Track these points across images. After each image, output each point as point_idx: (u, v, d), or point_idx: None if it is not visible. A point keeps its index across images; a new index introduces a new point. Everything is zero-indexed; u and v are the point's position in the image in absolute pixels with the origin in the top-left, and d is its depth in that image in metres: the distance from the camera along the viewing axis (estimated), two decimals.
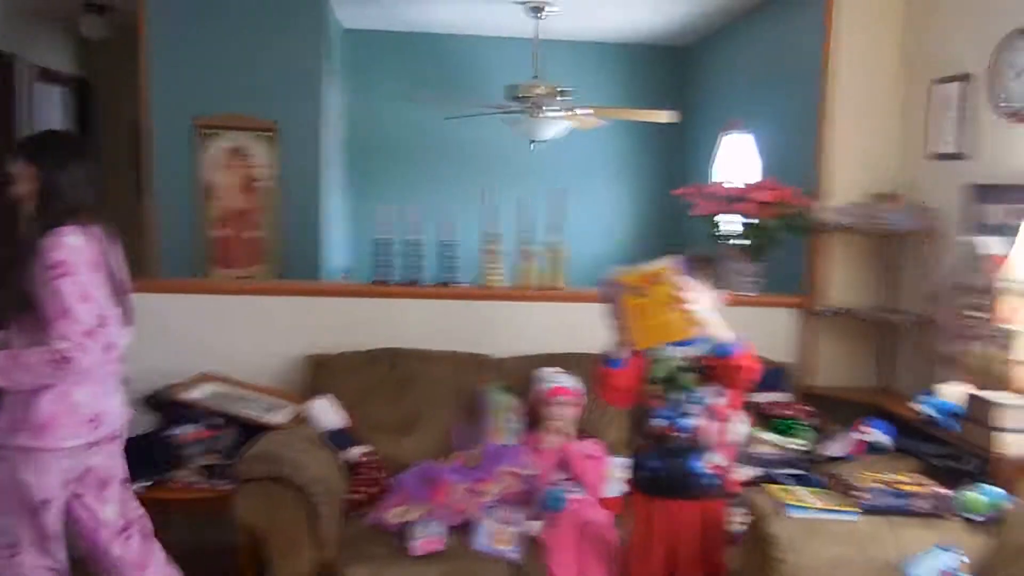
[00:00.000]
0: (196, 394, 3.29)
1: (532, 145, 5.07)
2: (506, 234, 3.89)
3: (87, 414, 2.51)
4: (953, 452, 3.00)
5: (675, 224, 6.29)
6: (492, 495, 3.01)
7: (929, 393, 3.25)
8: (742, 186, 3.93)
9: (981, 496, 2.61)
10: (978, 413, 2.89)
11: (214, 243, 4.89)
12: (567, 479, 3.16)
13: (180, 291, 3.78)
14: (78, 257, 2.43)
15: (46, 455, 2.48)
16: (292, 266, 4.96)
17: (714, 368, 2.48)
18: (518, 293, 3.83)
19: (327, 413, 3.33)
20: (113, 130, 6.55)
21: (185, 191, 4.84)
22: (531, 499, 3.05)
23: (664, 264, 2.33)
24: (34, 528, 2.55)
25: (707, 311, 2.35)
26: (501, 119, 5.01)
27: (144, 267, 5.04)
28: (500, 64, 5.96)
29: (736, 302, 2.90)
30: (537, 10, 4.79)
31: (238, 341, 3.68)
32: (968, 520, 2.58)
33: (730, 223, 3.94)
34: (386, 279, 3.83)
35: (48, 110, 6.10)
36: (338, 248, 5.70)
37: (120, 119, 6.54)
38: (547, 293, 3.84)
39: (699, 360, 2.52)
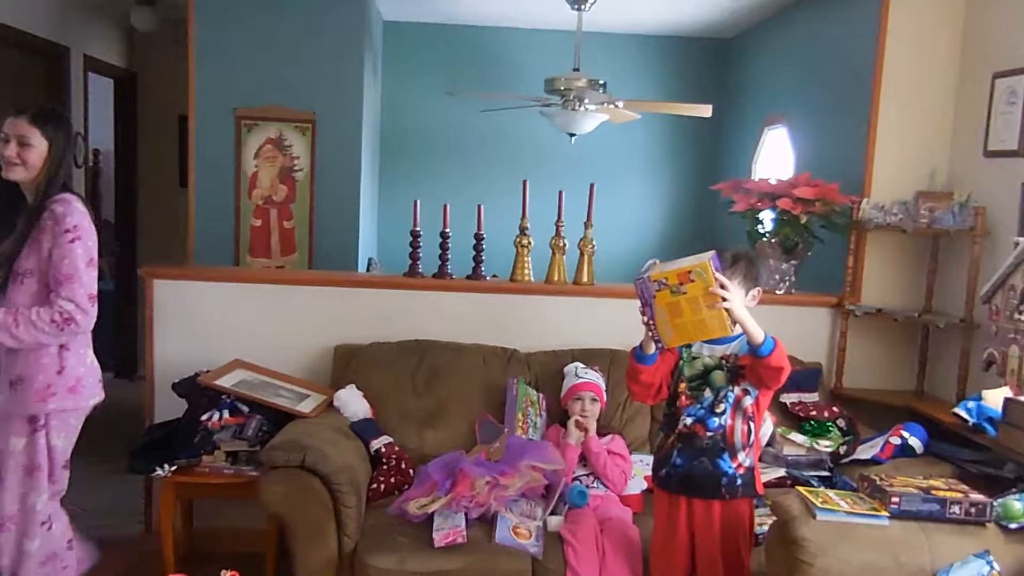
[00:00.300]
0: (227, 381, 3.31)
1: (571, 139, 5.03)
2: (540, 228, 3.86)
3: (98, 374, 2.74)
4: (991, 458, 2.91)
5: (712, 220, 6.21)
6: (515, 489, 2.98)
7: (967, 397, 3.16)
8: (782, 182, 3.86)
9: (1020, 504, 2.52)
10: (1018, 418, 2.79)
11: (251, 232, 4.94)
12: (590, 475, 3.13)
13: (214, 279, 3.81)
14: (88, 223, 2.60)
15: (77, 414, 2.67)
16: (326, 256, 4.99)
17: (745, 367, 2.43)
18: (548, 288, 3.80)
19: (354, 403, 3.34)
20: (158, 121, 6.67)
21: (225, 181, 4.90)
22: (554, 494, 3.02)
23: (699, 260, 2.27)
24: (54, 494, 2.66)
25: (741, 309, 2.29)
26: (540, 112, 4.98)
27: (184, 255, 5.14)
28: (538, 56, 5.93)
29: (771, 300, 2.84)
30: (579, 2, 4.74)
31: (270, 329, 3.71)
32: (1006, 528, 2.49)
33: (768, 219, 3.87)
34: (417, 271, 3.83)
35: (98, 100, 6.22)
36: (368, 238, 5.72)
37: (165, 110, 6.66)
38: (577, 288, 3.81)
39: (730, 358, 2.47)
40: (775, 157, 5.42)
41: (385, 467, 3.16)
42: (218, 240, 4.94)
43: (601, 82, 4.76)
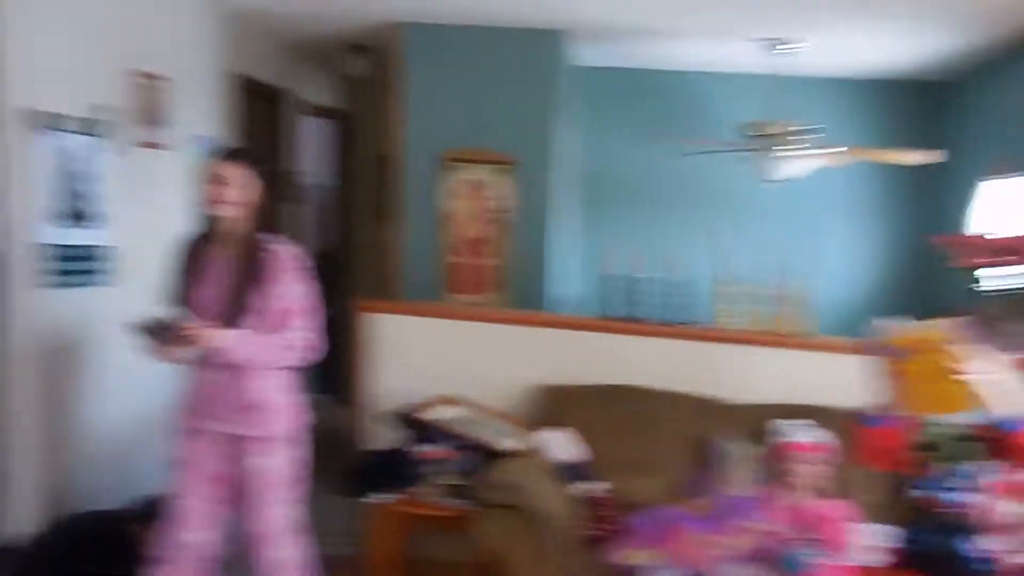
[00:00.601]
0: (438, 415, 3.42)
1: (771, 184, 4.91)
2: (739, 275, 3.79)
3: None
4: None
5: (928, 273, 5.83)
6: (727, 549, 2.90)
7: None
8: (1013, 236, 3.60)
9: None
10: None
11: (450, 268, 5.10)
12: (810, 541, 2.99)
13: (424, 314, 3.96)
14: (305, 263, 2.81)
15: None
16: (519, 295, 5.08)
17: (991, 440, 2.26)
18: (751, 337, 3.71)
19: (562, 445, 3.36)
20: (363, 159, 7.05)
21: (430, 219, 5.09)
22: (767, 558, 2.91)
23: (940, 327, 2.13)
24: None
25: (989, 380, 2.14)
26: (737, 157, 4.91)
27: (386, 289, 5.37)
28: (736, 101, 5.83)
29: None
30: (775, 45, 4.66)
31: (475, 365, 3.81)
32: None
33: (997, 276, 3.61)
34: (622, 315, 3.82)
35: (310, 140, 6.65)
36: (569, 281, 5.78)
37: (368, 150, 7.03)
38: (783, 339, 3.69)
39: (974, 430, 2.31)
40: (1007, 208, 5.05)
41: (594, 512, 3.15)
42: (423, 275, 5.13)
43: (798, 127, 4.64)
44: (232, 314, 2.68)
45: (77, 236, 3.70)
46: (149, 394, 4.19)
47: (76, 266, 3.70)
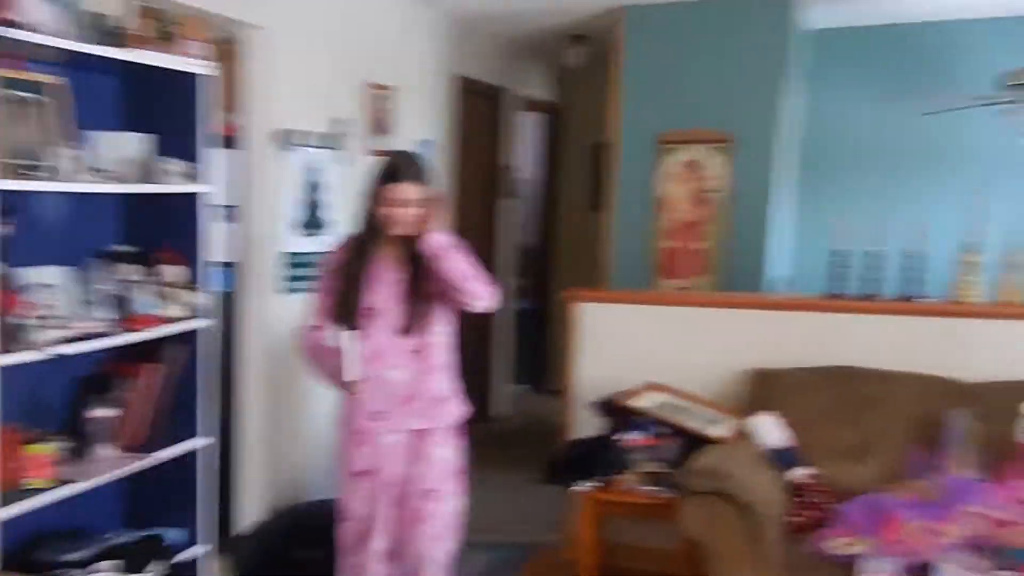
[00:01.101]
0: (643, 402, 3.39)
1: None
2: (991, 244, 3.40)
3: None
4: None
5: None
6: (954, 536, 2.63)
7: None
8: None
9: None
10: None
11: (661, 254, 5.01)
12: None
13: (632, 301, 3.93)
14: None
15: None
16: (734, 278, 4.88)
17: None
18: (999, 310, 3.32)
19: (771, 430, 3.22)
20: (575, 150, 7.12)
21: (642, 204, 5.02)
22: (994, 546, 2.61)
23: None
24: None
25: None
26: (992, 112, 4.39)
27: (596, 279, 5.38)
28: (992, 50, 5.19)
29: None
30: None
31: (683, 351, 3.72)
32: None
33: None
34: (841, 292, 3.58)
35: (525, 135, 6.83)
36: (783, 260, 5.48)
37: (580, 139, 7.09)
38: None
39: None
40: None
41: (803, 500, 2.98)
42: (633, 262, 5.08)
43: None
44: (415, 313, 2.74)
45: (310, 243, 4.05)
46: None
47: (308, 272, 4.05)
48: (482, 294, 2.72)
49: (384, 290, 2.76)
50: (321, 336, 2.85)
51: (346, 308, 2.76)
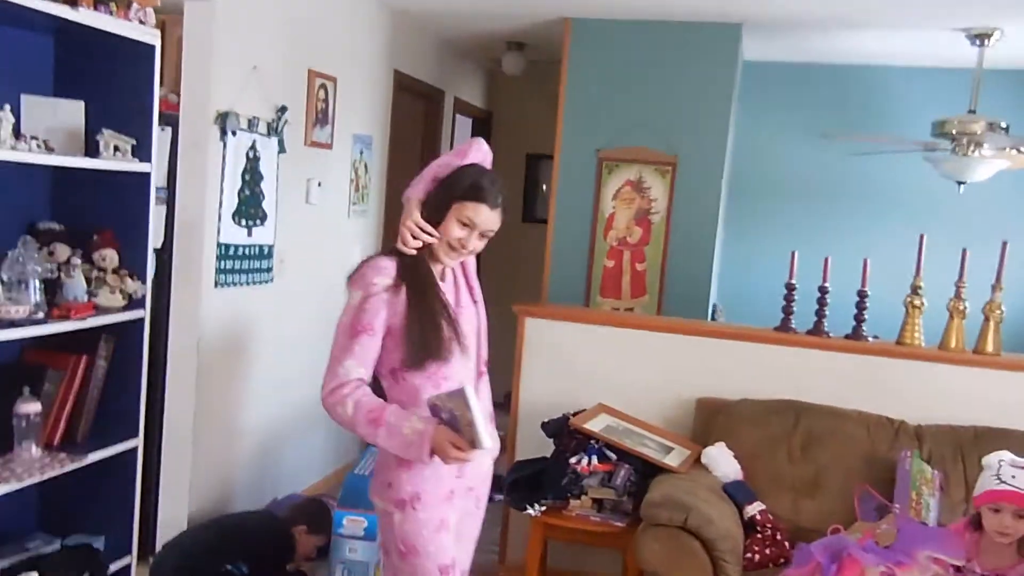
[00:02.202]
0: (594, 425, 3.29)
1: (960, 187, 4.51)
2: (930, 288, 3.48)
3: None
4: None
5: None
6: None
7: None
8: None
9: None
10: None
11: (603, 272, 4.97)
12: None
13: (582, 320, 3.84)
14: None
15: None
16: (675, 301, 4.88)
17: None
18: (944, 355, 3.39)
19: (724, 462, 3.18)
20: (506, 159, 7.01)
21: (581, 220, 4.96)
22: None
23: None
24: None
25: None
26: (924, 158, 4.53)
27: (533, 292, 5.29)
28: (918, 97, 5.41)
29: None
30: (982, 38, 4.24)
31: (632, 375, 3.66)
32: None
33: None
34: (790, 326, 3.59)
35: (460, 137, 6.68)
36: (726, 288, 5.54)
37: (513, 148, 6.99)
38: (980, 358, 3.36)
39: None
40: None
41: (759, 536, 2.95)
42: (570, 277, 5.01)
43: (1004, 125, 4.22)
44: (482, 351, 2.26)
45: (246, 235, 3.80)
46: (298, 392, 4.29)
47: (243, 264, 3.80)
48: None
49: (465, 322, 2.19)
50: (371, 399, 2.04)
51: (426, 347, 2.07)
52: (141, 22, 2.66)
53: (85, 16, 2.46)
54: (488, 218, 2.13)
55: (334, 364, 2.07)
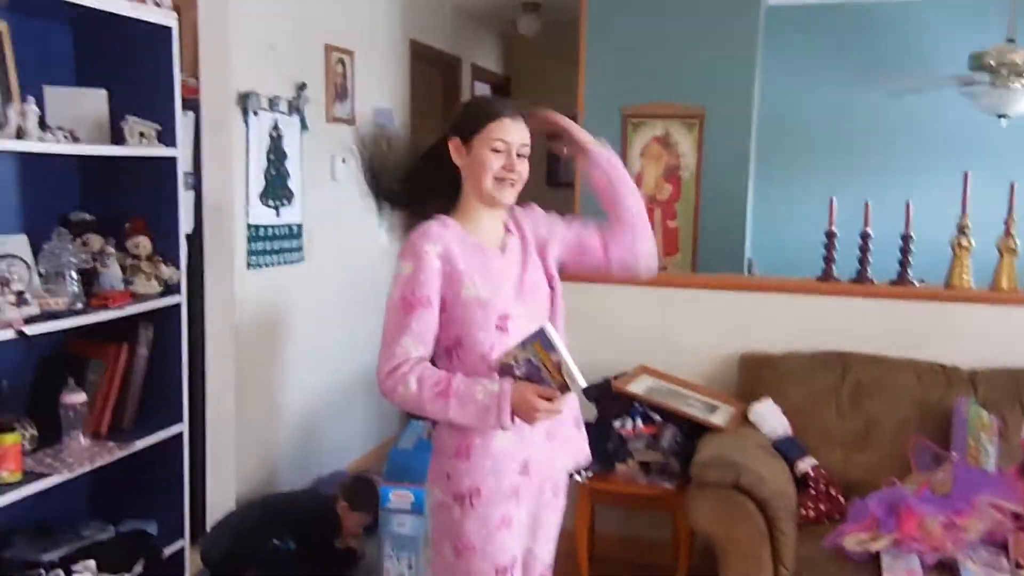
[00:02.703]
0: (637, 387, 3.25)
1: (1003, 121, 4.37)
2: (976, 227, 3.38)
3: None
4: None
5: None
6: (975, 531, 2.59)
7: None
8: None
9: None
10: None
11: None
12: None
13: (609, 282, 3.77)
14: None
15: None
16: (710, 257, 4.81)
17: None
18: (996, 295, 3.30)
19: (772, 418, 3.13)
20: None
21: None
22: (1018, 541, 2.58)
23: None
24: None
25: None
26: (961, 93, 4.40)
27: None
28: (954, 30, 5.23)
29: None
30: None
31: (673, 334, 3.60)
32: None
33: None
34: (832, 275, 3.51)
35: None
36: (761, 240, 5.44)
37: None
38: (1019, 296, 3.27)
39: None
40: None
41: (812, 492, 2.90)
42: None
43: None
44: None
45: (275, 215, 3.78)
46: (335, 369, 4.29)
47: (273, 245, 3.78)
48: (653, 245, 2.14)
49: (510, 290, 1.97)
50: (435, 371, 1.88)
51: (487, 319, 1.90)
52: (157, 4, 2.62)
53: (101, 2, 2.41)
54: (516, 130, 1.95)
55: (389, 344, 1.87)
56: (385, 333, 1.90)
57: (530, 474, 1.95)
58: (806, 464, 2.95)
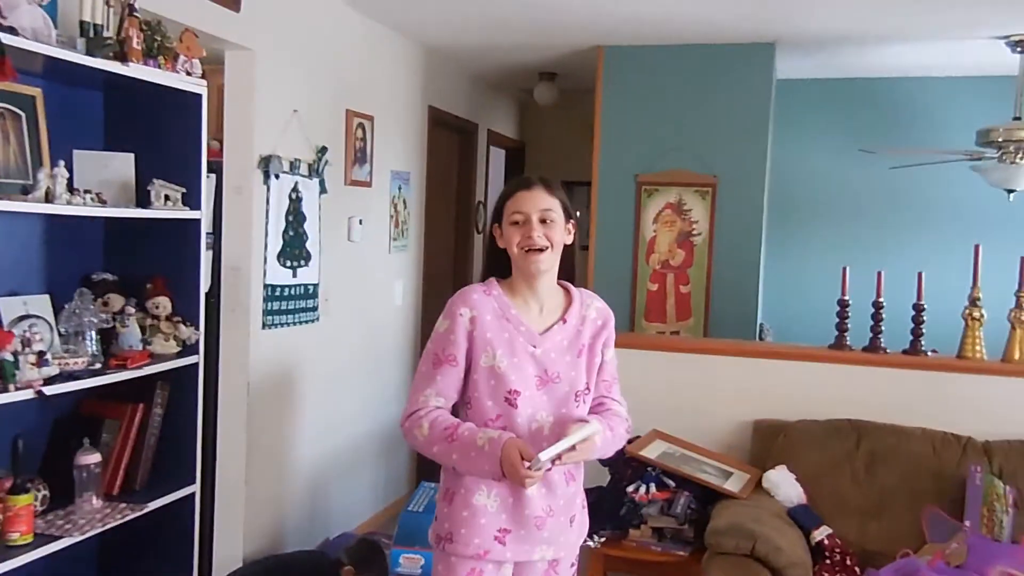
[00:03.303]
0: (650, 452, 3.24)
1: (1010, 196, 4.42)
2: (985, 299, 3.40)
3: None
4: None
5: None
6: None
7: None
8: None
9: None
10: None
11: (647, 296, 4.93)
12: None
13: (625, 346, 3.79)
14: None
15: None
16: (721, 322, 4.83)
17: None
18: (1008, 367, 3.31)
19: (786, 485, 3.11)
20: None
21: (623, 245, 4.94)
22: None
23: None
24: None
25: None
26: (971, 168, 4.45)
27: None
28: (962, 107, 5.33)
29: None
30: (1022, 44, 4.18)
31: (685, 399, 3.62)
32: None
33: None
34: (845, 344, 3.52)
35: (494, 170, 6.71)
36: (772, 307, 5.47)
37: (551, 177, 6.98)
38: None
39: None
40: None
41: (828, 562, 2.87)
42: (614, 304, 4.93)
43: None
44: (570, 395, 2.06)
45: (291, 276, 3.82)
46: (347, 430, 4.29)
47: (289, 305, 3.82)
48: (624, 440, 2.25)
49: (531, 370, 2.02)
50: (447, 417, 1.99)
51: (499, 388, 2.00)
52: (188, 73, 2.70)
53: (136, 71, 2.49)
54: (532, 198, 2.03)
55: (415, 393, 2.03)
56: (415, 380, 2.06)
57: (506, 544, 2.00)
58: (821, 533, 2.93)
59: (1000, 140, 4.20)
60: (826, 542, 2.91)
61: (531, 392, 2.00)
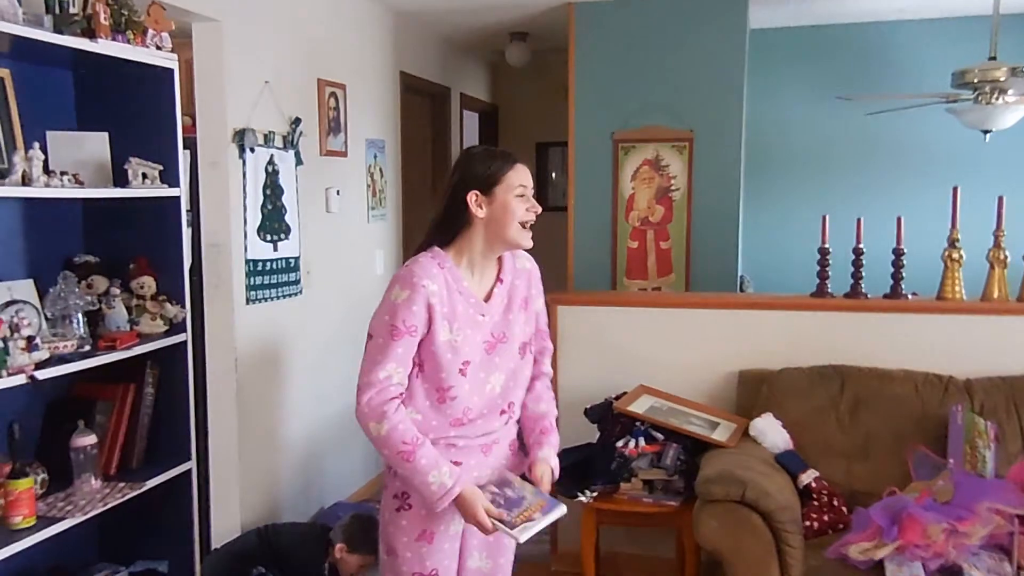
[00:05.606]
0: (638, 407, 3.28)
1: (986, 136, 4.46)
2: (964, 239, 3.45)
3: None
4: None
5: None
6: (977, 537, 2.62)
7: None
8: None
9: None
10: None
11: (627, 254, 4.96)
12: None
13: (614, 304, 3.84)
14: None
15: None
16: (703, 276, 4.87)
17: None
18: (988, 306, 3.36)
19: (772, 433, 3.16)
20: (517, 149, 6.99)
21: (601, 204, 4.95)
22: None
23: None
24: None
25: None
26: (946, 110, 4.47)
27: (558, 280, 5.28)
28: (932, 50, 5.34)
29: None
30: None
31: (671, 354, 3.65)
32: None
33: None
34: (826, 291, 3.57)
35: (468, 133, 6.68)
36: (752, 258, 5.51)
37: (523, 139, 6.99)
38: (1021, 306, 3.33)
39: None
40: None
41: (816, 503, 2.94)
42: (595, 263, 5.00)
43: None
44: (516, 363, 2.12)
45: (272, 250, 3.81)
46: (336, 400, 4.31)
47: (272, 279, 3.81)
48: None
49: (480, 340, 2.05)
50: (408, 429, 1.97)
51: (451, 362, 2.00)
52: (158, 47, 2.67)
53: (104, 47, 2.46)
54: (528, 175, 2.07)
55: (371, 367, 1.94)
56: (368, 353, 1.97)
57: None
58: (808, 476, 2.99)
59: (976, 81, 4.21)
60: (813, 485, 2.97)
61: (481, 358, 2.03)
